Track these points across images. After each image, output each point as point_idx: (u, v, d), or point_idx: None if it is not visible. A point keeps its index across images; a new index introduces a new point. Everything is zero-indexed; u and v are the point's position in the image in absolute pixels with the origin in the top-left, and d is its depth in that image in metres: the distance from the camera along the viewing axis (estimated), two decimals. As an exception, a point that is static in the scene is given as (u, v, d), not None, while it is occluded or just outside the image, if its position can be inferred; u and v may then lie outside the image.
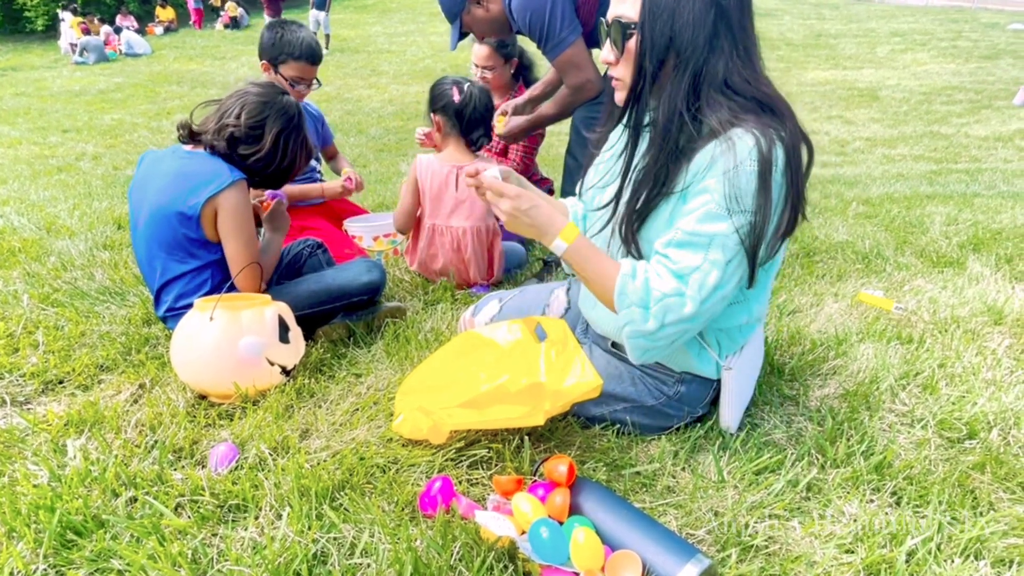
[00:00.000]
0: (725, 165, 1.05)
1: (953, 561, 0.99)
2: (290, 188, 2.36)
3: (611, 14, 1.14)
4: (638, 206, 1.16)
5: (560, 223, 1.17)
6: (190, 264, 1.60)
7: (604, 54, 1.19)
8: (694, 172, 1.10)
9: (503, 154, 2.82)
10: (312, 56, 2.20)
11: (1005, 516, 1.08)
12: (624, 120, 1.20)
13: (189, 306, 1.54)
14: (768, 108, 1.09)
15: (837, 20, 17.43)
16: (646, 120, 1.17)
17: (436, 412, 1.23)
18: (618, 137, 1.30)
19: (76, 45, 13.54)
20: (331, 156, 2.67)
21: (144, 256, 1.64)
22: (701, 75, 1.08)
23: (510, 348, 1.26)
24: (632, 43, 1.11)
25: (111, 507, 1.08)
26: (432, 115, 2.13)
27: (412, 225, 2.22)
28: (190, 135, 1.62)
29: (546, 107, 2.22)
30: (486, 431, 1.31)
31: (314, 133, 2.49)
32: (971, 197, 3.90)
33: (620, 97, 1.19)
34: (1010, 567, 0.99)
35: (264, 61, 2.19)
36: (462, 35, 2.16)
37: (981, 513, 1.10)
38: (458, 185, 2.08)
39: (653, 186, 1.14)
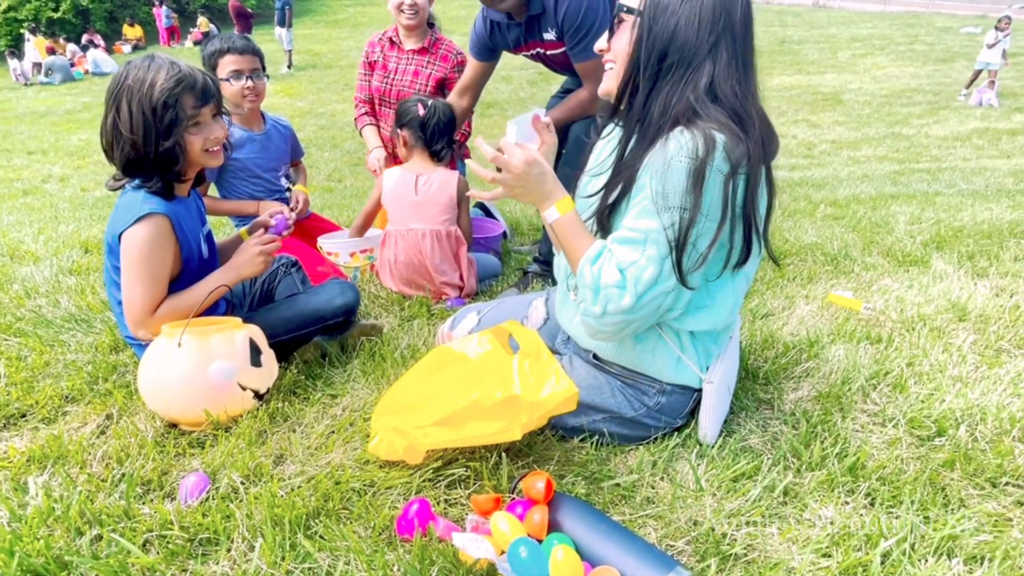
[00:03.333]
0: (658, 162, 1.08)
1: (927, 561, 1.00)
2: (225, 205, 2.32)
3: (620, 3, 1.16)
4: (611, 199, 1.18)
5: (560, 194, 1.21)
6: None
7: (600, 40, 1.21)
8: (641, 170, 1.13)
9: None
10: (237, 46, 2.16)
11: (975, 513, 1.11)
12: (617, 111, 1.22)
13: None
14: (738, 121, 1.10)
15: (799, 27, 17.90)
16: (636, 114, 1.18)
17: (411, 432, 1.21)
18: (613, 127, 1.31)
19: (40, 65, 13.27)
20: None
21: (106, 280, 1.61)
22: (694, 78, 1.10)
23: (482, 361, 1.25)
24: (632, 31, 1.12)
25: (74, 547, 1.04)
26: (399, 131, 2.24)
27: (364, 229, 2.32)
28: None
29: (553, 113, 2.14)
30: (463, 449, 1.30)
31: (285, 147, 2.46)
32: (933, 196, 4.02)
33: (609, 87, 1.21)
34: (982, 564, 1.00)
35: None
36: None
37: (952, 511, 1.12)
38: (417, 190, 2.15)
39: (623, 180, 1.16)
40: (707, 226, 1.09)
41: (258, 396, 1.49)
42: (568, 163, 2.31)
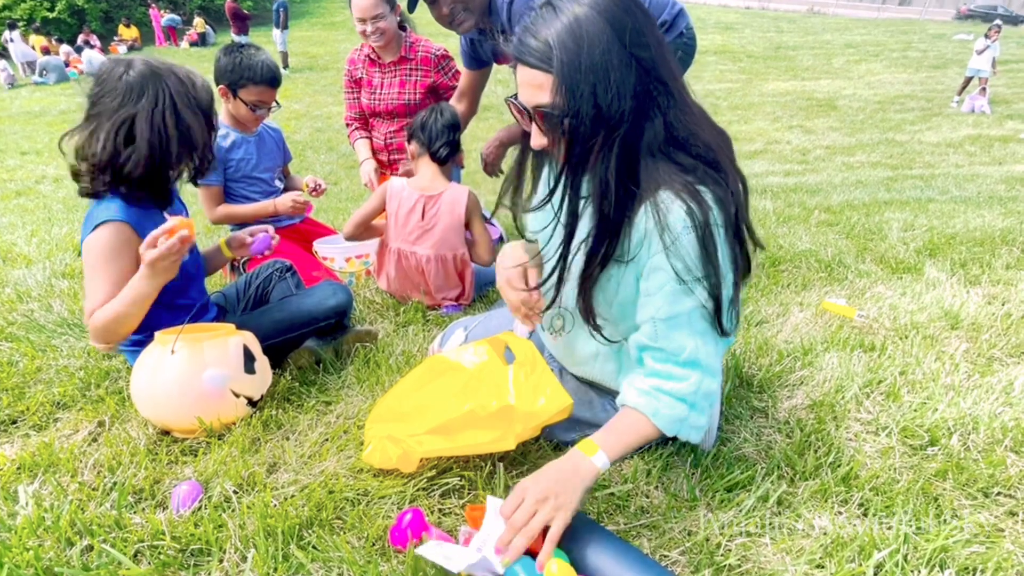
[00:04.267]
0: (664, 241, 1.03)
1: (919, 572, 1.01)
2: (242, 209, 2.32)
3: (527, 101, 1.04)
4: (588, 278, 1.12)
5: (576, 459, 1.05)
6: None
7: (536, 140, 1.08)
8: (635, 243, 1.07)
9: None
10: (273, 80, 2.17)
11: (968, 524, 1.11)
12: (558, 194, 1.10)
13: (131, 345, 1.55)
14: (711, 162, 1.05)
15: (795, 33, 18.02)
16: (583, 191, 1.09)
17: (405, 440, 1.21)
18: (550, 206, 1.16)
19: (32, 64, 13.19)
20: (284, 174, 2.64)
21: None
22: (636, 140, 1.02)
23: (478, 371, 1.26)
24: (563, 127, 1.02)
25: (64, 558, 1.03)
26: (408, 146, 2.21)
27: (360, 234, 2.22)
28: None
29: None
30: (458, 458, 1.30)
31: (277, 150, 2.46)
32: (926, 202, 4.05)
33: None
34: (974, 575, 1.01)
35: (222, 86, 2.14)
36: None
37: (945, 521, 1.12)
38: (425, 214, 2.10)
39: (599, 257, 1.10)
40: (728, 279, 1.07)
41: (252, 403, 1.49)
42: None
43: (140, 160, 1.38)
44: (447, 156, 2.14)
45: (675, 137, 1.04)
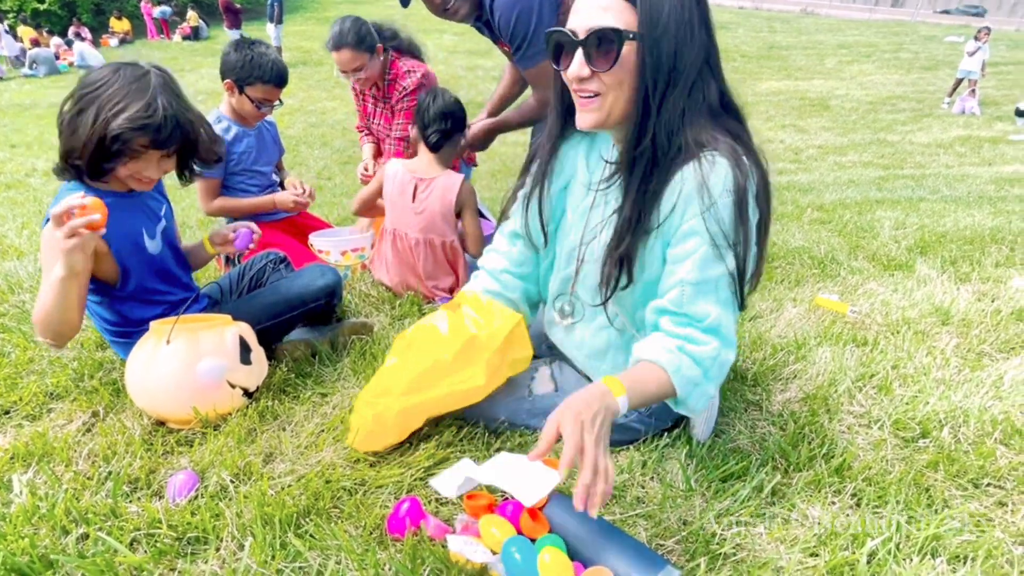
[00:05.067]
0: (706, 202, 1.01)
1: (911, 560, 1.02)
2: (241, 203, 2.31)
3: (587, 24, 0.99)
4: (620, 248, 1.10)
5: (603, 388, 1.01)
6: (91, 297, 1.50)
7: (577, 68, 1.02)
8: (666, 209, 1.06)
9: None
10: (281, 80, 2.19)
11: (959, 513, 1.13)
12: (629, 150, 1.07)
13: (115, 337, 1.55)
14: (747, 132, 1.07)
15: (788, 33, 18.09)
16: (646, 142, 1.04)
17: (376, 403, 1.22)
18: (603, 174, 1.15)
19: (20, 56, 13.02)
20: (278, 168, 2.64)
21: None
22: (693, 95, 1.02)
23: (439, 332, 1.32)
24: (626, 55, 0.98)
25: (60, 546, 1.03)
26: (411, 129, 2.22)
27: (364, 211, 2.30)
28: None
29: (511, 114, 2.21)
30: (455, 447, 1.30)
31: (273, 143, 2.47)
32: (917, 202, 4.09)
33: (590, 120, 1.07)
34: (965, 563, 1.02)
35: (228, 80, 2.15)
36: None
37: (936, 511, 1.14)
38: (416, 197, 2.11)
39: (636, 222, 1.08)
40: (753, 251, 1.06)
41: (247, 394, 1.48)
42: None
43: (66, 144, 1.35)
44: (438, 143, 2.12)
45: (724, 100, 1.06)
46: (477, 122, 2.36)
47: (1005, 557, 1.03)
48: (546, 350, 1.50)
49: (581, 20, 1.01)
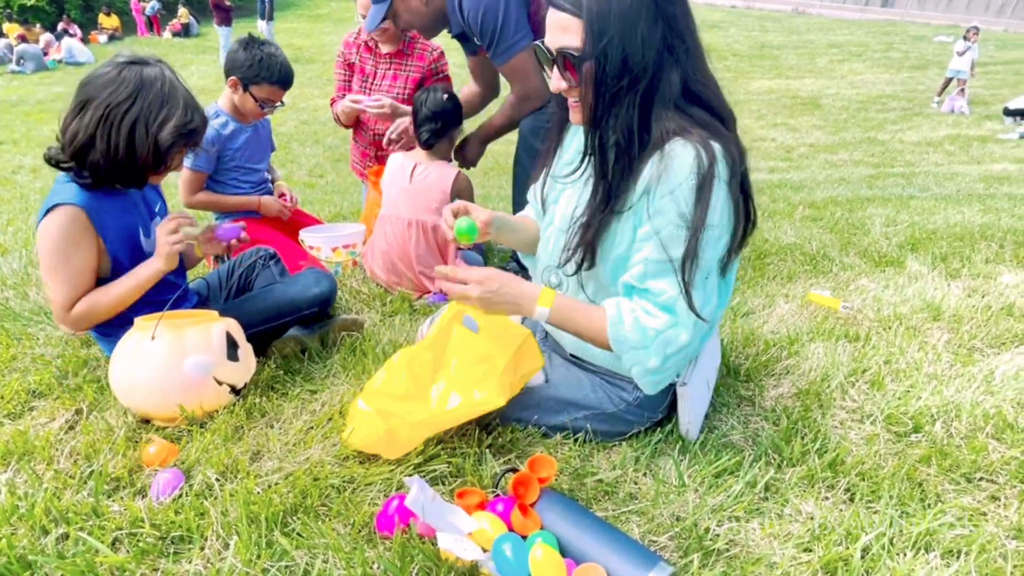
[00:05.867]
0: (670, 184, 1.04)
1: (905, 555, 1.02)
2: (226, 199, 2.29)
3: (553, 44, 1.09)
4: (590, 227, 1.15)
5: (534, 291, 1.16)
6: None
7: (555, 83, 1.13)
8: (641, 190, 1.09)
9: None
10: (287, 81, 2.19)
11: (952, 507, 1.12)
12: (586, 146, 1.15)
13: (104, 331, 1.52)
14: (719, 117, 1.09)
15: (779, 32, 18.17)
16: (609, 141, 1.12)
17: (396, 416, 1.20)
18: (579, 163, 1.22)
19: (10, 54, 12.84)
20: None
21: None
22: (655, 91, 1.05)
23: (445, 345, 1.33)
24: (586, 71, 1.06)
25: (39, 546, 1.00)
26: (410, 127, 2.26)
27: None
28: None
29: (495, 118, 2.21)
30: (445, 445, 1.28)
31: (267, 141, 2.46)
32: (907, 199, 4.11)
33: (578, 119, 1.16)
34: (958, 557, 1.02)
35: (233, 77, 2.15)
36: (385, 19, 2.03)
37: (929, 506, 1.14)
38: (412, 178, 2.13)
39: (604, 206, 1.13)
40: (722, 235, 1.07)
41: (235, 391, 1.46)
42: (520, 163, 2.32)
43: (96, 157, 1.36)
44: (428, 141, 2.16)
45: (691, 92, 1.07)
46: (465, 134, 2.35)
47: (998, 551, 1.03)
48: (540, 341, 1.48)
49: (551, 40, 1.10)
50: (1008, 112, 9.07)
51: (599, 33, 1.02)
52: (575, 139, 1.31)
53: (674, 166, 1.04)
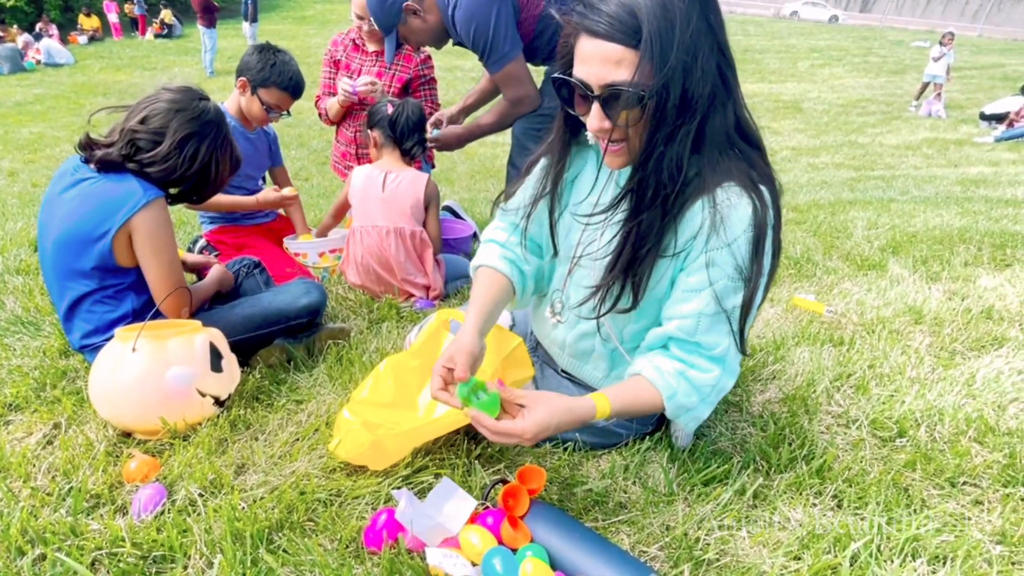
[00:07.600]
0: (727, 237, 0.99)
1: (892, 562, 1.02)
2: (222, 199, 2.26)
3: (596, 79, 0.94)
4: (636, 270, 1.08)
5: (589, 410, 1.04)
6: (103, 292, 1.48)
7: (596, 123, 0.98)
8: (686, 237, 1.03)
9: None
10: (298, 90, 2.21)
11: (937, 513, 1.13)
12: (633, 179, 1.03)
13: (109, 337, 1.44)
14: (757, 147, 1.04)
15: (761, 36, 18.40)
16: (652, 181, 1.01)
17: (382, 426, 1.18)
18: (613, 203, 1.09)
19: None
20: (277, 180, 2.60)
21: (53, 282, 1.52)
22: (708, 125, 0.97)
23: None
24: (642, 110, 0.94)
25: (14, 568, 0.97)
26: (370, 132, 2.24)
27: (332, 225, 2.41)
28: (90, 145, 1.47)
29: (485, 118, 2.24)
30: (434, 457, 1.27)
31: (267, 151, 2.47)
32: (888, 202, 4.17)
33: (618, 163, 1.05)
34: (944, 563, 1.03)
35: (243, 79, 2.17)
36: (398, 46, 2.14)
37: (915, 511, 1.15)
38: (385, 187, 2.13)
39: (646, 246, 1.05)
40: (763, 283, 1.05)
41: (219, 403, 1.43)
42: (513, 164, 2.38)
43: (161, 162, 1.49)
44: (413, 151, 2.20)
45: (740, 126, 1.01)
46: (451, 111, 2.36)
47: (983, 557, 1.04)
48: (529, 352, 1.48)
49: (595, 74, 0.94)
50: (984, 117, 9.25)
51: (661, 67, 0.89)
52: (586, 168, 1.22)
53: (733, 218, 0.99)
